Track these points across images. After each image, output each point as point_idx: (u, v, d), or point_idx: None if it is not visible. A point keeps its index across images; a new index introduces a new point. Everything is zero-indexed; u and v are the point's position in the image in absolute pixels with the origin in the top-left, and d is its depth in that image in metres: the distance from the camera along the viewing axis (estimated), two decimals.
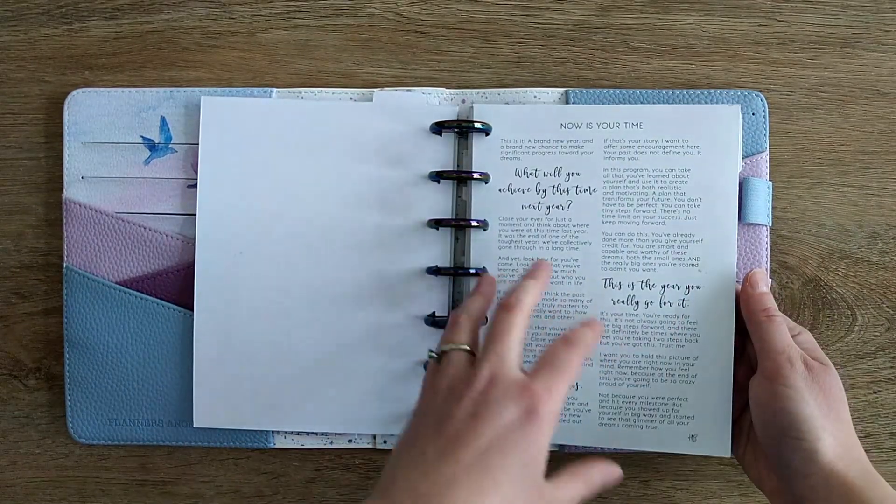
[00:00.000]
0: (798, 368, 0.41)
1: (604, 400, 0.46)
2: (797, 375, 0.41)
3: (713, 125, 0.46)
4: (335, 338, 0.47)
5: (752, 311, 0.44)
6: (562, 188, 0.47)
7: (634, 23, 0.49)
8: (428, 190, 0.47)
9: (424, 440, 0.35)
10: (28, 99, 0.50)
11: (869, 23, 0.49)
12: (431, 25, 0.50)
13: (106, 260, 0.48)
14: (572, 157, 0.47)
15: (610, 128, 0.46)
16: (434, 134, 0.47)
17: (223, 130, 0.48)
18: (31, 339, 0.50)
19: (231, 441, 0.49)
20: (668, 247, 0.46)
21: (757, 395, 0.42)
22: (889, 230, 0.49)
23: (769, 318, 0.43)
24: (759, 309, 0.43)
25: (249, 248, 0.48)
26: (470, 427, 0.35)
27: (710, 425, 0.45)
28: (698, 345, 0.45)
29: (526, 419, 0.35)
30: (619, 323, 0.46)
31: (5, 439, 0.51)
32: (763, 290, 0.44)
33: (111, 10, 0.50)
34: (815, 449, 0.39)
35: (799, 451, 0.40)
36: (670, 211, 0.46)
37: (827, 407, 0.41)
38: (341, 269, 0.47)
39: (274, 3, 0.50)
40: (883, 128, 0.49)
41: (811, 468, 0.39)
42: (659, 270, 0.46)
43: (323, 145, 0.48)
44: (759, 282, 0.45)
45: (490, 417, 0.35)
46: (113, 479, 0.50)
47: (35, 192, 0.50)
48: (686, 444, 0.45)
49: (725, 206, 0.46)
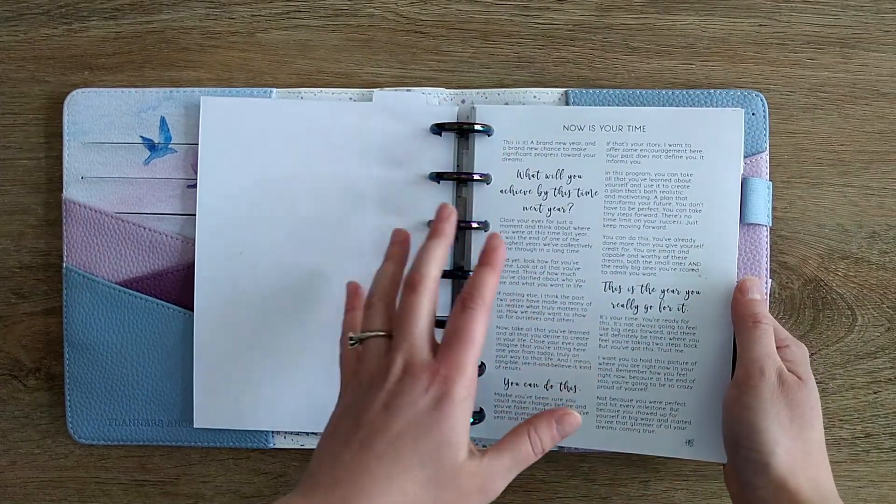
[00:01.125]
0: (769, 379, 0.41)
1: (601, 403, 0.46)
2: (765, 386, 0.41)
3: (716, 129, 0.46)
4: (335, 337, 0.47)
5: (739, 316, 0.44)
6: (563, 190, 0.46)
7: (634, 23, 0.49)
8: (428, 190, 0.47)
9: (345, 430, 0.37)
10: (28, 99, 0.50)
11: (869, 23, 0.49)
12: (431, 25, 0.50)
13: (106, 260, 0.48)
14: (574, 160, 0.46)
15: (613, 130, 0.46)
16: (434, 134, 0.47)
17: (223, 130, 0.48)
18: (31, 339, 0.50)
19: (231, 441, 0.49)
20: (668, 251, 0.46)
21: (726, 399, 0.43)
22: (889, 230, 0.49)
23: (754, 325, 0.43)
24: (746, 314, 0.44)
25: (249, 248, 0.47)
26: (383, 418, 0.36)
27: (707, 431, 0.45)
28: (697, 350, 0.45)
29: (437, 403, 0.36)
30: (618, 326, 0.46)
31: (5, 439, 0.51)
32: (753, 298, 0.44)
33: (111, 10, 0.50)
34: (767, 462, 0.40)
35: (750, 461, 0.40)
36: (671, 215, 0.46)
37: (789, 422, 0.40)
38: (341, 270, 0.47)
39: (274, 3, 0.50)
40: (883, 128, 0.49)
41: (760, 481, 0.40)
42: (659, 275, 0.46)
43: (323, 145, 0.48)
44: (750, 289, 0.45)
45: (401, 408, 0.36)
46: (113, 479, 0.50)
47: (35, 192, 0.50)
48: (683, 448, 0.45)
49: (727, 211, 0.45)
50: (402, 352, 0.38)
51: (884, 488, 0.49)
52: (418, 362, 0.37)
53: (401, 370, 0.37)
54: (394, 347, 0.38)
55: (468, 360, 0.37)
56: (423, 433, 0.36)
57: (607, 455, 0.49)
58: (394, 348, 0.38)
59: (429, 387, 0.36)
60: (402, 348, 0.38)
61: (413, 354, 0.37)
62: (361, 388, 0.38)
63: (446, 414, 0.36)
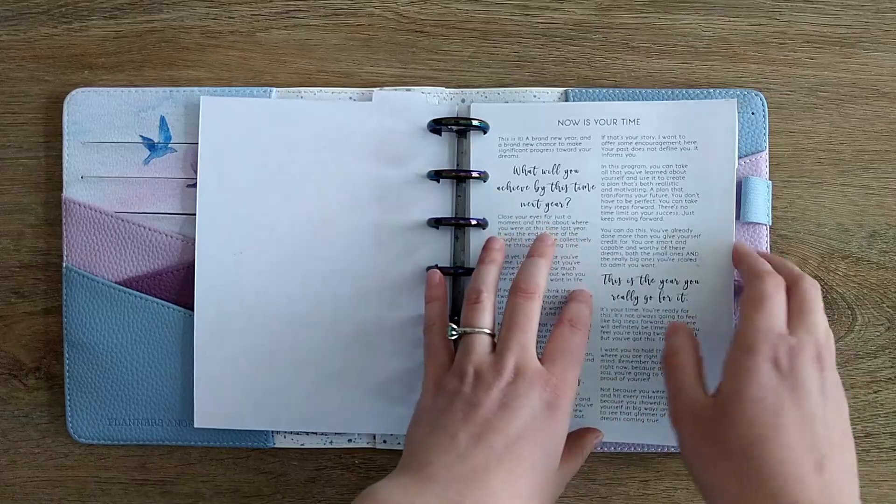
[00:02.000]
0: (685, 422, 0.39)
1: (605, 394, 0.46)
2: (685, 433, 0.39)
3: (709, 120, 0.46)
4: (335, 337, 0.47)
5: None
6: (560, 185, 0.47)
7: (634, 22, 0.49)
8: (427, 189, 0.47)
9: (454, 425, 0.37)
10: (28, 98, 0.50)
11: (869, 22, 0.49)
12: (431, 25, 0.50)
13: (106, 260, 0.48)
14: (570, 155, 0.47)
15: (607, 124, 0.46)
16: (433, 133, 0.47)
17: (223, 130, 0.48)
18: (31, 338, 0.50)
19: (231, 441, 0.49)
20: (666, 242, 0.46)
21: None
22: (889, 230, 0.49)
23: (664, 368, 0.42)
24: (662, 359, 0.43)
25: (249, 248, 0.47)
26: (499, 416, 0.37)
27: None
28: (698, 338, 0.45)
29: (549, 411, 0.37)
30: (619, 318, 0.46)
31: (5, 439, 0.51)
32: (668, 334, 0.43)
33: (111, 9, 0.50)
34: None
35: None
36: (668, 207, 0.46)
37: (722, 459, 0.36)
38: (341, 269, 0.47)
39: (274, 2, 0.50)
40: (883, 127, 0.49)
41: None
42: (658, 265, 0.46)
43: (323, 145, 0.48)
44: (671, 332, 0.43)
45: (518, 409, 0.37)
46: (113, 479, 0.50)
47: (35, 191, 0.50)
48: None
49: (722, 201, 0.46)
50: (515, 354, 0.38)
51: (884, 488, 0.49)
52: (532, 367, 0.38)
53: (513, 372, 0.38)
54: (505, 349, 0.39)
55: (574, 376, 0.39)
56: (540, 438, 0.37)
57: (607, 455, 0.49)
58: (505, 349, 0.39)
59: (542, 392, 0.38)
60: (515, 351, 0.39)
61: (525, 359, 0.39)
62: (466, 382, 0.38)
63: (559, 421, 0.37)
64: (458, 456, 0.36)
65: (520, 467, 0.36)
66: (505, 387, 0.38)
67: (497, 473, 0.35)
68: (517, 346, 0.39)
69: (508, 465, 0.35)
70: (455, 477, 0.35)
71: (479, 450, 0.36)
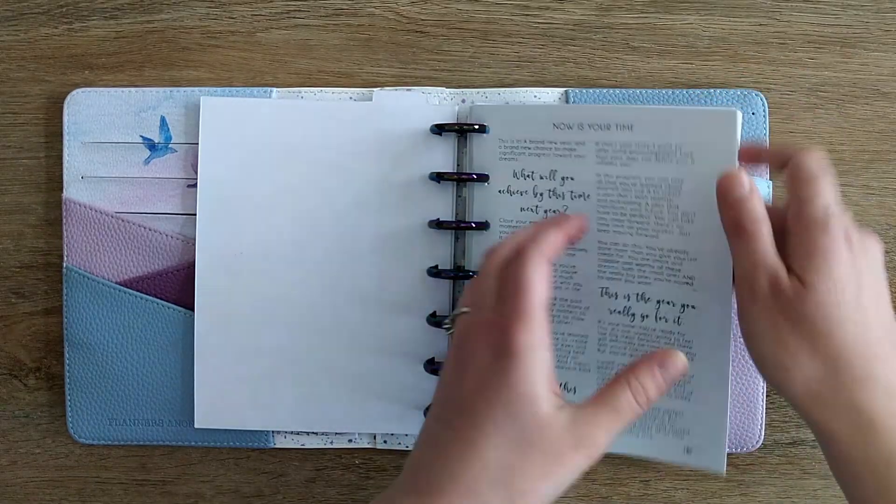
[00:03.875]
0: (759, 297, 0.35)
1: None
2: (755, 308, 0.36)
3: (708, 132, 0.41)
4: (335, 338, 0.47)
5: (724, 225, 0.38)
6: (557, 192, 0.45)
7: (634, 22, 0.49)
8: (428, 190, 0.47)
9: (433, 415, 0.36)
10: (28, 99, 0.50)
11: (869, 22, 0.49)
12: (431, 25, 0.50)
13: (106, 260, 0.48)
14: (566, 160, 0.45)
15: (601, 130, 0.44)
16: (434, 134, 0.47)
17: (223, 130, 0.48)
18: (31, 338, 0.50)
19: (231, 441, 0.49)
20: (661, 262, 0.43)
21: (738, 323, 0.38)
22: (889, 230, 0.49)
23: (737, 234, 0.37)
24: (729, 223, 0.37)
25: (249, 248, 0.47)
26: (453, 387, 0.35)
27: (706, 442, 0.43)
28: (694, 363, 0.43)
29: (498, 355, 0.33)
30: (616, 332, 0.45)
31: (5, 439, 0.51)
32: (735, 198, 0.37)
33: (111, 9, 0.50)
34: (786, 395, 0.36)
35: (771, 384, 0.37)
36: (663, 224, 0.43)
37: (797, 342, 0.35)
38: (341, 270, 0.47)
39: (274, 2, 0.50)
40: (883, 128, 0.49)
41: (787, 401, 0.37)
42: (654, 285, 0.44)
43: (323, 145, 0.48)
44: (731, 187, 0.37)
45: (465, 370, 0.34)
46: (113, 479, 0.50)
47: (35, 191, 0.50)
48: (681, 455, 0.44)
49: (721, 224, 0.39)
50: (466, 316, 0.36)
51: None
52: (476, 320, 0.35)
53: (463, 332, 0.35)
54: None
55: (525, 306, 0.33)
56: (492, 391, 0.33)
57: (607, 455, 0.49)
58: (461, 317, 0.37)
59: (486, 340, 0.34)
60: (468, 313, 0.36)
61: (473, 314, 0.35)
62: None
63: (511, 365, 0.33)
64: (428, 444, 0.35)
65: (476, 432, 0.33)
66: (456, 351, 0.35)
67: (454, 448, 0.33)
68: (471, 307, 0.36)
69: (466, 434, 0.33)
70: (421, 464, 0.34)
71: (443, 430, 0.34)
